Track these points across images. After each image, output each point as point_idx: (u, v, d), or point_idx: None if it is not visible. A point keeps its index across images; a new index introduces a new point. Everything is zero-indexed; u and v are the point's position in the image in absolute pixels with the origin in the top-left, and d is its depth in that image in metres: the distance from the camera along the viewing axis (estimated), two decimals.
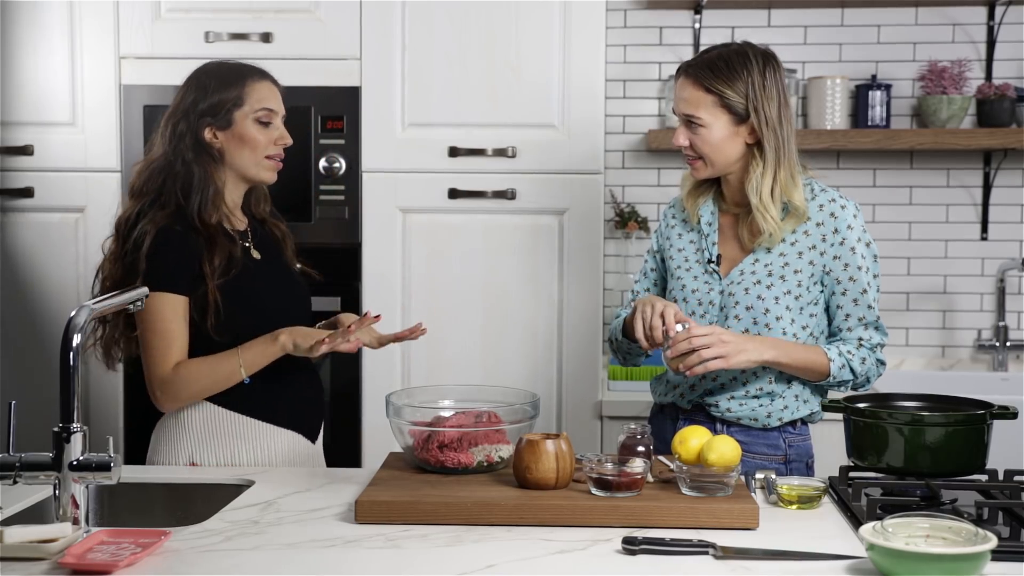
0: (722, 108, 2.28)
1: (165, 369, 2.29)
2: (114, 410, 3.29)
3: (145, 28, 3.25)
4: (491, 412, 2.12)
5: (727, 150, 2.31)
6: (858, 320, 2.34)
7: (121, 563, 1.63)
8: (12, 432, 1.80)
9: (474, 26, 3.23)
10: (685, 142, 2.33)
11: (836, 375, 2.30)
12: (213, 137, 2.36)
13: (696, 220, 2.43)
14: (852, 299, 2.34)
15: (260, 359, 2.30)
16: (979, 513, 1.93)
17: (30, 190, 3.29)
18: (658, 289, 2.53)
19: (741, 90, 2.27)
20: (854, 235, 2.33)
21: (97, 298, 1.92)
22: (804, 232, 2.34)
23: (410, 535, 1.82)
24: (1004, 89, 3.48)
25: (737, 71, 2.27)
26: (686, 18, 3.63)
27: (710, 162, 2.32)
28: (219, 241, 2.32)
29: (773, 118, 2.28)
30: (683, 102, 2.31)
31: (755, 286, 2.33)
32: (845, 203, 2.34)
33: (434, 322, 3.27)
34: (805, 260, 2.33)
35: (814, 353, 2.30)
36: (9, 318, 3.31)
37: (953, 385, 3.34)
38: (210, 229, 2.32)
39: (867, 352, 2.34)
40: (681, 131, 2.33)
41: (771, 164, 2.29)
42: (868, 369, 2.34)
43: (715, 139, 2.30)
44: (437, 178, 3.26)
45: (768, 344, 2.26)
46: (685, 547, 1.73)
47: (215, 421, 2.34)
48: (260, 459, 2.35)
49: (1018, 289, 3.64)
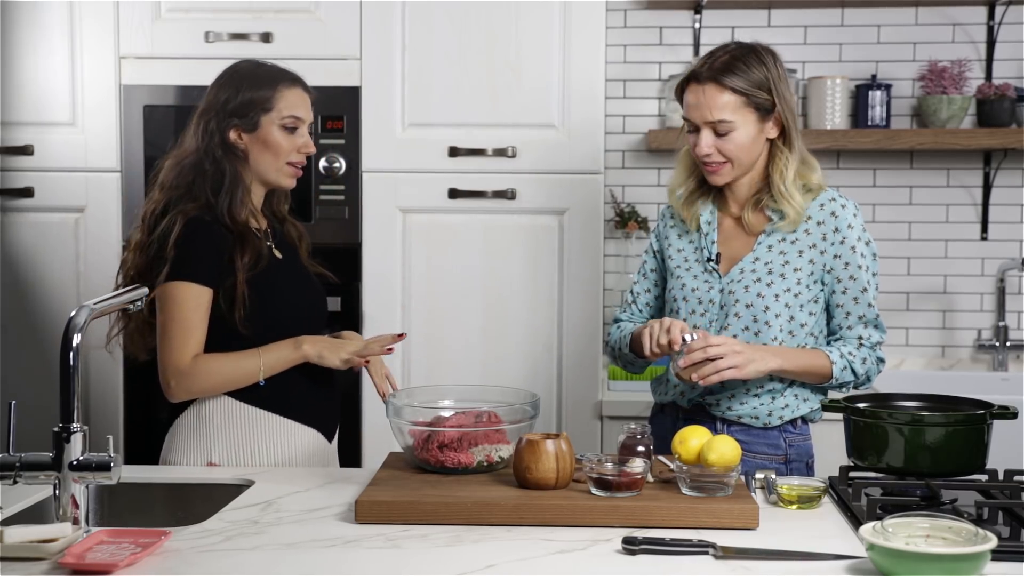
0: (749, 107, 2.30)
1: (183, 359, 2.28)
2: (114, 410, 3.29)
3: (145, 28, 3.25)
4: (491, 412, 2.12)
5: (754, 149, 2.33)
6: (858, 318, 2.35)
7: (121, 563, 1.63)
8: (12, 432, 1.80)
9: (474, 26, 3.23)
10: (710, 149, 2.32)
11: (839, 377, 2.31)
12: (238, 138, 2.37)
13: (696, 227, 2.43)
14: (853, 297, 2.34)
15: (280, 364, 2.31)
16: (979, 513, 1.93)
17: (30, 190, 3.29)
18: (658, 289, 2.53)
19: (764, 86, 2.30)
20: (854, 234, 2.34)
21: (97, 298, 1.92)
22: (805, 231, 2.35)
23: (410, 535, 1.82)
24: (1004, 89, 3.48)
25: (755, 68, 2.30)
26: (686, 18, 3.63)
27: (738, 164, 2.33)
28: (249, 238, 2.34)
29: (792, 106, 2.35)
30: (707, 109, 2.29)
31: (755, 284, 2.33)
32: (845, 202, 2.36)
33: (434, 322, 3.28)
34: (805, 259, 2.34)
35: (816, 357, 2.31)
36: (9, 318, 3.32)
37: (953, 385, 3.34)
38: (240, 227, 2.33)
39: (867, 351, 2.35)
40: (705, 139, 2.31)
41: (796, 150, 2.34)
42: (869, 368, 2.35)
43: (744, 140, 2.31)
44: (437, 178, 3.26)
45: (772, 352, 2.27)
46: (685, 547, 1.73)
47: (235, 416, 2.33)
48: (279, 456, 2.35)
49: (1018, 289, 3.64)
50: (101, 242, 3.28)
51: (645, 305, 2.54)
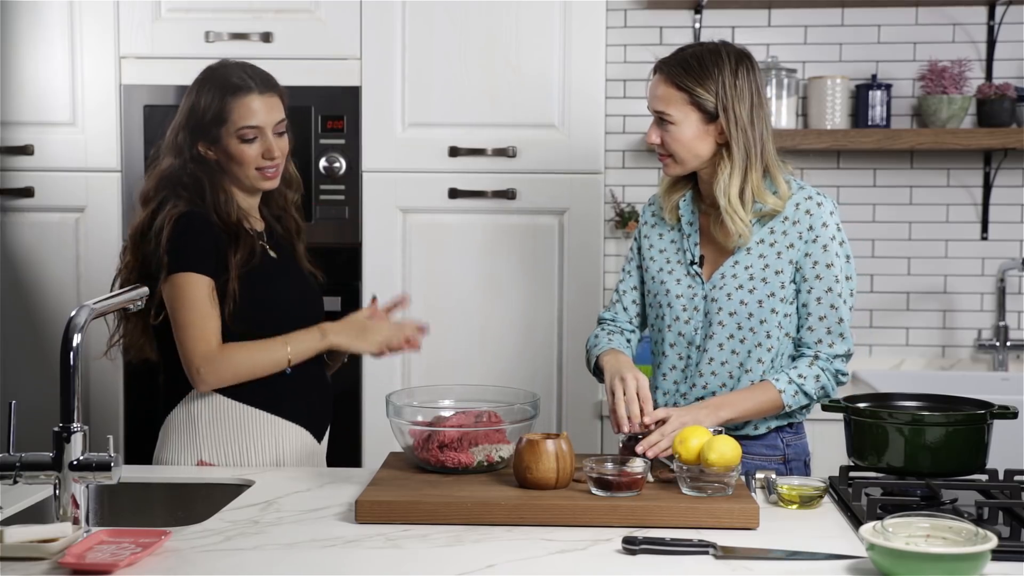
0: (692, 106, 2.27)
1: (209, 346, 2.28)
2: (114, 410, 3.29)
3: (145, 28, 3.25)
4: (491, 412, 2.13)
5: (697, 148, 2.30)
6: (819, 320, 2.29)
7: (121, 563, 1.63)
8: (12, 432, 1.80)
9: (474, 26, 3.23)
10: (657, 139, 2.32)
11: (791, 404, 2.28)
12: (207, 152, 2.37)
13: (676, 219, 2.41)
14: (816, 297, 2.29)
15: (307, 352, 2.34)
16: (979, 513, 1.93)
17: (30, 190, 3.29)
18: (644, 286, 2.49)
19: (712, 89, 2.25)
20: (828, 232, 2.29)
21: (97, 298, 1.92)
22: (782, 232, 2.30)
23: (410, 535, 1.82)
24: (1004, 89, 3.48)
25: (709, 70, 2.26)
26: (686, 18, 3.63)
27: (680, 160, 2.32)
28: (242, 236, 2.35)
29: (744, 118, 2.26)
30: (655, 99, 2.31)
31: (737, 291, 2.30)
32: (822, 200, 2.31)
33: (434, 322, 3.26)
34: (785, 260, 2.30)
35: (763, 392, 2.26)
36: (9, 318, 3.31)
37: (953, 385, 3.34)
38: (232, 225, 2.34)
39: (822, 365, 2.28)
40: (653, 128, 2.32)
41: (739, 165, 2.27)
42: (825, 384, 2.29)
43: (685, 137, 2.29)
44: (437, 178, 3.26)
45: (715, 406, 2.23)
46: (685, 547, 1.73)
47: (223, 414, 2.34)
48: (267, 455, 2.35)
49: (1018, 289, 3.64)
50: (101, 242, 3.28)
51: (632, 303, 2.48)
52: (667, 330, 2.38)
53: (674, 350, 2.38)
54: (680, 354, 2.37)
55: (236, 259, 2.32)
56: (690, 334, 2.35)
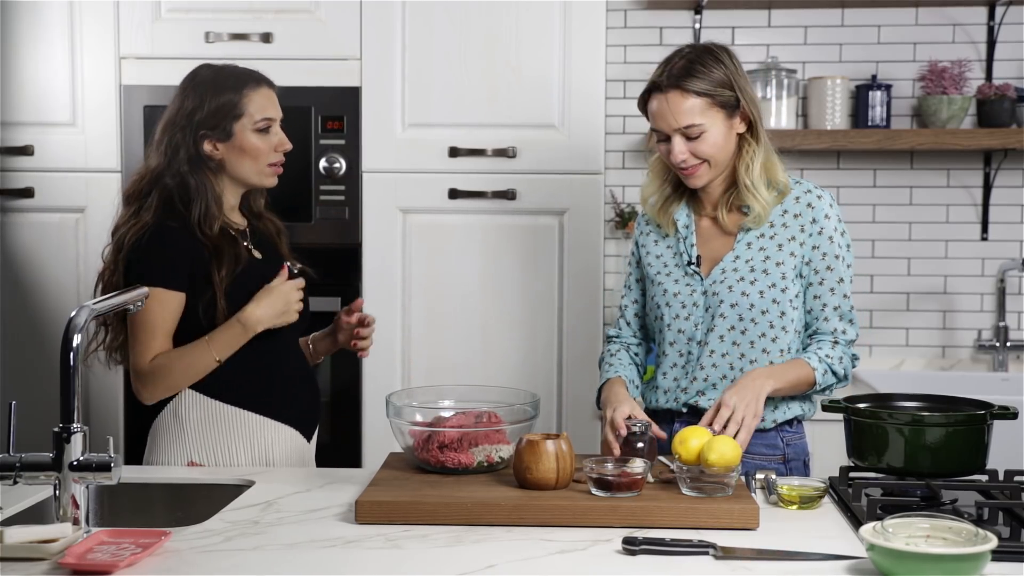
0: (715, 107, 2.29)
1: (144, 361, 2.30)
2: (114, 410, 3.29)
3: (145, 28, 3.25)
4: (491, 412, 2.13)
5: (728, 146, 2.32)
6: (834, 310, 2.34)
7: (121, 563, 1.63)
8: (12, 432, 1.80)
9: (474, 26, 3.23)
10: (683, 155, 2.31)
11: (821, 382, 2.30)
12: (213, 149, 2.36)
13: (673, 231, 2.43)
14: (830, 288, 2.33)
15: (231, 344, 2.31)
16: (979, 513, 1.93)
17: (30, 190, 3.29)
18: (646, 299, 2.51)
19: (726, 83, 2.29)
20: (831, 224, 2.34)
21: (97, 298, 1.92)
22: (783, 225, 2.34)
23: (410, 535, 1.82)
24: (1004, 89, 3.48)
25: (711, 67, 2.29)
26: (686, 18, 3.63)
27: (714, 163, 2.32)
28: (224, 250, 2.33)
29: (755, 98, 2.35)
30: (678, 115, 2.27)
31: (738, 283, 2.32)
32: (821, 193, 2.36)
33: (434, 322, 3.28)
34: (786, 252, 2.33)
35: (799, 367, 2.29)
36: (9, 318, 3.32)
37: (953, 385, 3.34)
38: (214, 240, 2.33)
39: (843, 349, 2.34)
40: (677, 146, 2.29)
41: (763, 142, 2.34)
42: (846, 367, 2.34)
43: (718, 140, 2.30)
44: (437, 178, 3.26)
45: (764, 375, 2.24)
46: (685, 547, 1.73)
47: (210, 414, 2.34)
48: (257, 455, 2.36)
49: (1018, 289, 3.64)
50: (101, 242, 3.22)
51: (634, 316, 2.52)
52: (667, 329, 2.39)
53: (674, 348, 2.38)
54: (680, 351, 2.38)
55: (221, 275, 2.30)
56: (690, 330, 2.36)
